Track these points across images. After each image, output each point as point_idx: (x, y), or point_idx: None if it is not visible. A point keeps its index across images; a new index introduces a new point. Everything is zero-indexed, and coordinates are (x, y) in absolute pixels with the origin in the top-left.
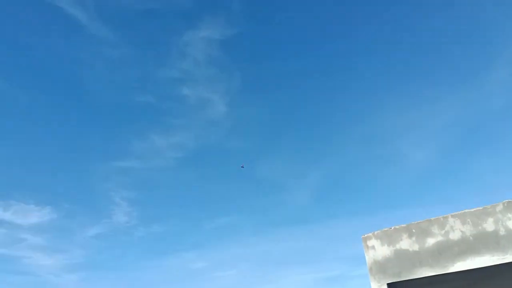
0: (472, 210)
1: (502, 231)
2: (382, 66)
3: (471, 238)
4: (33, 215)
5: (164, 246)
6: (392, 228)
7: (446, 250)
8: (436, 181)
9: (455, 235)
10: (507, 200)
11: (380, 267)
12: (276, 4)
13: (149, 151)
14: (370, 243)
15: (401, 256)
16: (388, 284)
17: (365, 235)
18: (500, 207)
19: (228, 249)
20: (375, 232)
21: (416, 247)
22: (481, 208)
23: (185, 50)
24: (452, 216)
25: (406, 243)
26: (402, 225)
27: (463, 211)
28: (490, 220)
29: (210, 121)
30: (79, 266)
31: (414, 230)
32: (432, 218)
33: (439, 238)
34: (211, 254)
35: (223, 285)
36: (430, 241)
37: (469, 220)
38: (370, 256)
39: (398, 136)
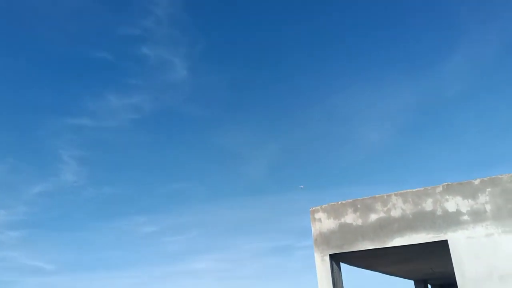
0: (414, 190)
1: (439, 211)
2: (346, 48)
3: (410, 216)
4: None
5: (113, 208)
6: (339, 203)
7: (387, 226)
8: (388, 161)
9: (396, 212)
10: (446, 183)
11: (325, 239)
12: None
13: (103, 110)
14: (317, 216)
15: (345, 230)
16: (331, 255)
17: (313, 208)
18: (439, 188)
19: (179, 215)
20: (323, 206)
21: (359, 222)
22: (422, 188)
23: (148, 7)
24: (395, 194)
25: (350, 218)
26: (349, 200)
27: (405, 191)
28: (430, 200)
29: (169, 84)
30: (22, 224)
31: (359, 206)
32: (376, 196)
33: (381, 215)
34: (161, 219)
35: (171, 250)
36: (373, 217)
37: (410, 199)
38: (316, 228)
39: (356, 116)
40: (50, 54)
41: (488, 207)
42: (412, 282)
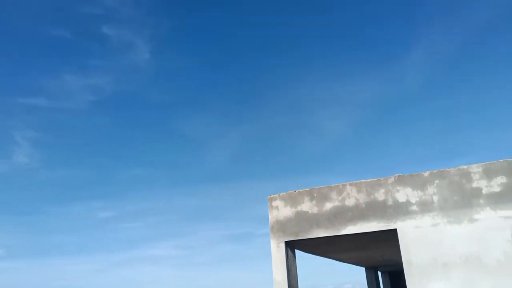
0: (368, 180)
1: (390, 201)
2: (312, 41)
3: (363, 205)
4: None
5: (69, 192)
6: (296, 191)
7: (341, 214)
8: (347, 152)
9: (350, 202)
10: (398, 175)
11: (281, 226)
12: None
13: (60, 91)
14: (275, 203)
15: (301, 217)
16: (286, 242)
17: (271, 196)
18: (391, 180)
19: (138, 201)
20: (280, 194)
21: (315, 210)
22: (375, 179)
23: None
24: (350, 184)
25: (307, 206)
26: (306, 189)
27: (359, 181)
28: (382, 190)
29: (132, 67)
30: None
31: (315, 194)
32: (332, 185)
33: (336, 203)
34: (119, 204)
35: (129, 236)
36: (328, 205)
37: (364, 189)
38: (273, 216)
39: (319, 107)
40: (3, 29)
41: (435, 198)
42: (363, 269)
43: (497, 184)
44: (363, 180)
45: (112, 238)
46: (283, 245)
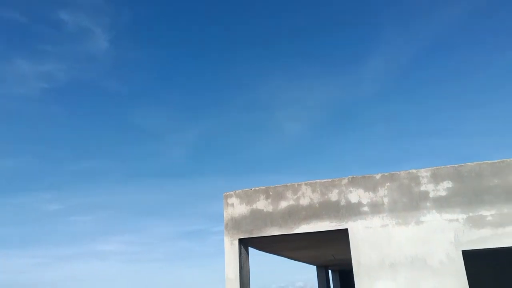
0: (323, 180)
1: (343, 202)
2: (272, 41)
3: (317, 205)
4: None
5: (15, 183)
6: (252, 189)
7: (295, 213)
8: (303, 153)
9: (304, 201)
10: (351, 176)
11: (235, 223)
12: None
13: (10, 76)
14: (230, 200)
15: (255, 215)
16: (240, 240)
17: (227, 193)
18: (345, 180)
19: (89, 194)
20: (236, 191)
21: (270, 208)
22: (330, 180)
23: None
24: (305, 184)
25: (262, 204)
26: (262, 187)
27: (314, 181)
28: (335, 191)
29: (88, 55)
30: None
31: (271, 193)
32: (288, 184)
33: (291, 202)
34: (69, 197)
35: (77, 230)
36: (283, 204)
37: (318, 189)
38: (228, 213)
39: (278, 107)
40: None
41: (385, 200)
42: (314, 267)
43: (443, 188)
44: (318, 180)
45: (59, 231)
46: (236, 243)
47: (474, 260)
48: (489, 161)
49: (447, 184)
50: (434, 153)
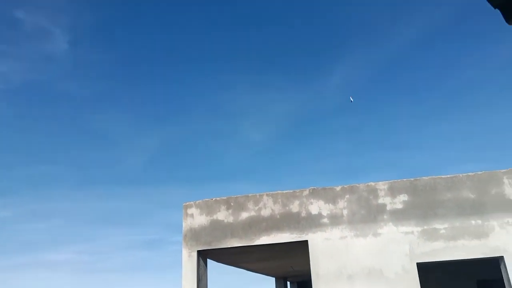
0: (284, 192)
1: (303, 213)
2: (237, 49)
3: (278, 216)
4: None
5: None
6: (213, 199)
7: (256, 224)
8: (266, 162)
9: (266, 212)
10: (312, 187)
11: (194, 234)
12: None
13: None
14: (190, 211)
15: (216, 226)
16: (198, 251)
17: (187, 203)
18: (306, 192)
19: (40, 201)
20: (197, 202)
21: (231, 219)
22: (291, 191)
23: None
24: (266, 194)
25: (223, 215)
26: (223, 198)
27: (276, 192)
28: (296, 202)
29: (46, 56)
30: None
31: (232, 203)
32: (249, 194)
33: (252, 213)
34: (18, 203)
35: (27, 239)
36: (244, 215)
37: (280, 200)
38: (187, 223)
39: (241, 116)
40: None
41: (345, 212)
42: (273, 279)
43: (399, 201)
44: (279, 191)
45: (6, 239)
46: (195, 254)
47: (427, 271)
48: (443, 176)
49: (403, 197)
50: (391, 165)
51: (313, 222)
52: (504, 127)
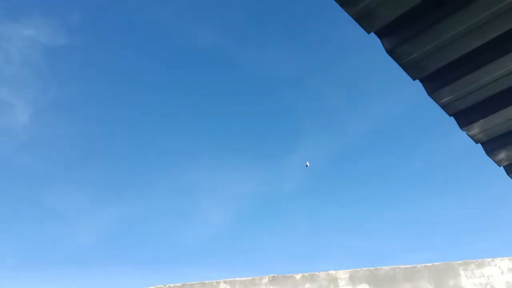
0: (243, 279)
1: None
2: (202, 130)
3: None
4: None
5: None
6: (167, 286)
7: None
8: (226, 245)
9: None
10: (272, 275)
11: None
12: (115, 27)
13: None
14: None
15: None
16: None
17: None
18: (265, 279)
19: None
20: (157, 287)
21: None
22: (250, 278)
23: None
24: (224, 282)
25: None
26: (177, 284)
27: (234, 279)
28: None
29: (4, 128)
30: None
31: None
32: (206, 281)
33: None
34: None
35: None
36: None
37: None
38: None
39: (201, 195)
40: None
41: None
42: None
43: None
44: (237, 278)
45: None
46: None
47: None
48: (402, 266)
49: (364, 286)
50: (349, 250)
51: None
52: (451, 216)
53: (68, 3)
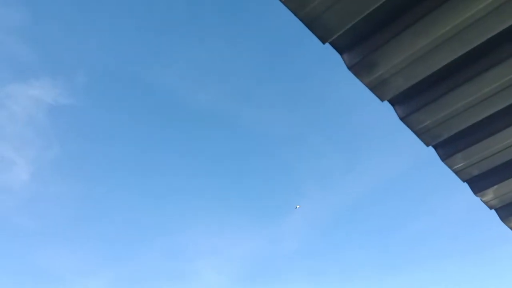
0: None
1: None
2: (200, 188)
3: None
4: None
5: None
6: None
7: None
8: None
9: None
10: None
11: None
12: (117, 89)
13: None
14: None
15: None
16: None
17: None
18: None
19: None
20: None
21: None
22: None
23: (4, 101)
24: None
25: None
26: None
27: None
28: None
29: (3, 186)
30: None
31: None
32: None
33: None
34: None
35: None
36: None
37: None
38: None
39: (199, 257)
40: None
41: None
42: None
43: None
44: None
45: None
46: None
47: None
48: None
49: None
50: None
51: None
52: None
53: (75, 64)
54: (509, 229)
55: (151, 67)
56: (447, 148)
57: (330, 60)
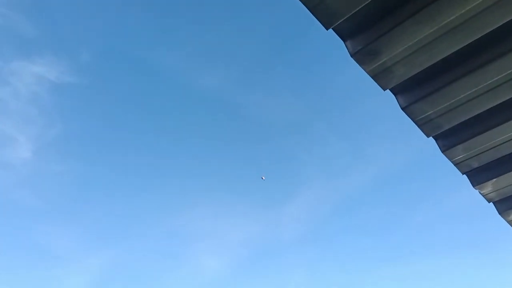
0: None
1: None
2: (202, 171)
3: None
4: None
5: None
6: None
7: None
8: None
9: None
10: None
11: None
12: (121, 68)
13: None
14: None
15: None
16: None
17: None
18: None
19: None
20: None
21: None
22: None
23: (7, 78)
24: None
25: None
26: None
27: None
28: None
29: (4, 163)
30: None
31: None
32: None
33: None
34: None
35: None
36: None
37: None
38: None
39: (197, 240)
40: None
41: None
42: None
43: None
44: None
45: None
46: None
47: None
48: None
49: None
50: None
51: None
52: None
53: (79, 43)
54: (506, 222)
55: (157, 48)
56: (448, 139)
57: (336, 47)
